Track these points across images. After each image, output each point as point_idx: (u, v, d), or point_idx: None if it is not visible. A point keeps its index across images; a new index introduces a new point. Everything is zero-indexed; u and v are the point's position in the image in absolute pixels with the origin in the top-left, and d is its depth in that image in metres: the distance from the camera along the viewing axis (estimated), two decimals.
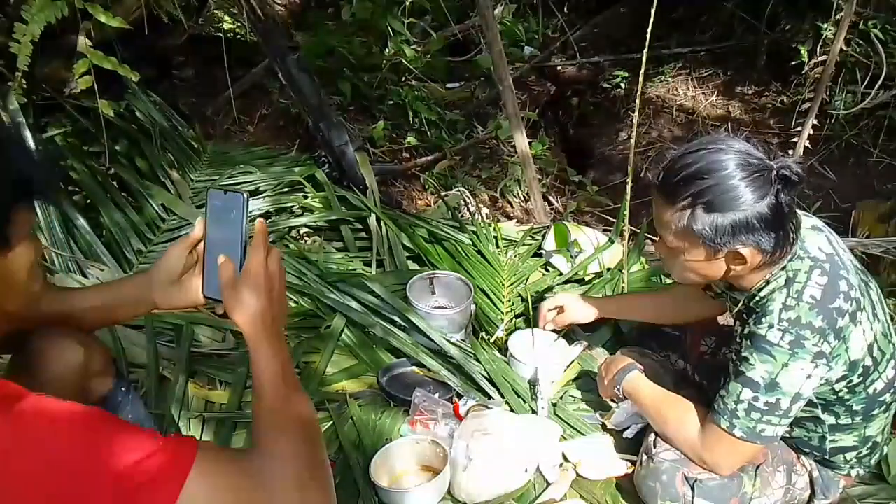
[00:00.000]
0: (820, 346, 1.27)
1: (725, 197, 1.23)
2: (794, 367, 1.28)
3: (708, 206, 1.24)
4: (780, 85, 4.65)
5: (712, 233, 1.26)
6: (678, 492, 1.43)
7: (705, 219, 1.25)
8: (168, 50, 3.58)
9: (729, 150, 1.26)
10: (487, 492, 1.57)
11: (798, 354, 1.27)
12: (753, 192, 1.22)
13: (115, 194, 2.52)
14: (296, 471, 0.89)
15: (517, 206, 3.60)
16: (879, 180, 4.15)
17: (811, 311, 1.27)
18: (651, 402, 1.57)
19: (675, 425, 1.48)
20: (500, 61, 2.86)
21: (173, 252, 1.10)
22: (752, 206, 1.23)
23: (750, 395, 1.32)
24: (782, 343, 1.28)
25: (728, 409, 1.35)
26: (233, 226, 1.01)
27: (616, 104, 4.94)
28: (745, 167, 1.23)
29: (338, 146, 2.95)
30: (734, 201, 1.23)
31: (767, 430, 1.33)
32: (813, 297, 1.28)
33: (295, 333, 2.09)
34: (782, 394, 1.30)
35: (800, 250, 1.32)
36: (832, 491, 1.52)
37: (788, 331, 1.27)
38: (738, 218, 1.23)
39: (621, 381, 1.64)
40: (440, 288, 2.25)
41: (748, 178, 1.23)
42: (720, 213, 1.24)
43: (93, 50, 2.30)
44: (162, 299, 1.12)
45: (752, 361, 1.31)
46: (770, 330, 1.29)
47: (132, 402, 1.39)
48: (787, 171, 1.23)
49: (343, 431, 1.72)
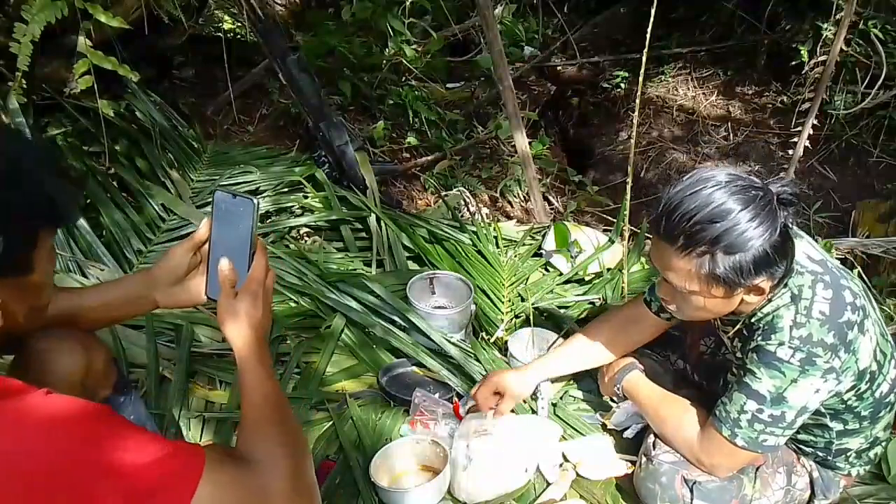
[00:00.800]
0: (831, 362, 1.26)
1: (743, 238, 1.20)
2: (804, 384, 1.27)
3: (727, 249, 1.21)
4: (780, 85, 4.65)
5: (736, 274, 1.23)
6: (677, 494, 1.43)
7: (727, 262, 1.22)
8: (168, 50, 3.58)
9: (727, 187, 1.22)
10: (487, 492, 1.57)
11: (809, 372, 1.26)
12: (765, 226, 1.20)
13: (115, 194, 2.52)
14: (291, 484, 0.91)
15: (517, 206, 3.60)
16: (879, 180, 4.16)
17: (822, 328, 1.26)
18: (650, 402, 1.57)
19: (673, 425, 1.48)
20: (500, 61, 2.86)
21: (177, 252, 1.10)
22: (768, 240, 1.21)
23: (755, 407, 1.31)
24: (793, 360, 1.27)
25: (731, 418, 1.34)
26: (241, 230, 1.01)
27: (616, 104, 4.94)
28: (749, 202, 1.21)
29: (338, 146, 2.95)
30: (752, 240, 1.20)
31: (769, 441, 1.33)
32: (822, 313, 1.27)
33: (295, 333, 2.09)
34: (788, 407, 1.29)
35: (795, 264, 1.31)
36: (832, 491, 1.52)
37: (800, 349, 1.26)
38: (758, 254, 1.21)
39: (621, 380, 1.65)
40: (440, 288, 2.25)
41: (757, 213, 1.20)
42: (741, 252, 1.21)
43: (93, 50, 2.29)
44: (163, 298, 1.12)
45: (760, 375, 1.30)
46: (781, 347, 1.28)
47: (133, 403, 1.39)
48: (786, 195, 1.22)
49: (343, 431, 1.72)
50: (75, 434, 0.75)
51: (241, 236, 1.01)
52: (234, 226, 1.01)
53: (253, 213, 1.00)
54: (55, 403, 0.77)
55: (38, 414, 0.75)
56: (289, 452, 0.94)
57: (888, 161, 4.17)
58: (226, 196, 1.02)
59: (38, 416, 0.75)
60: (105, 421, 0.79)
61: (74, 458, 0.73)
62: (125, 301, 1.16)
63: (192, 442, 1.63)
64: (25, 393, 0.76)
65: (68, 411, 0.77)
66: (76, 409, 0.78)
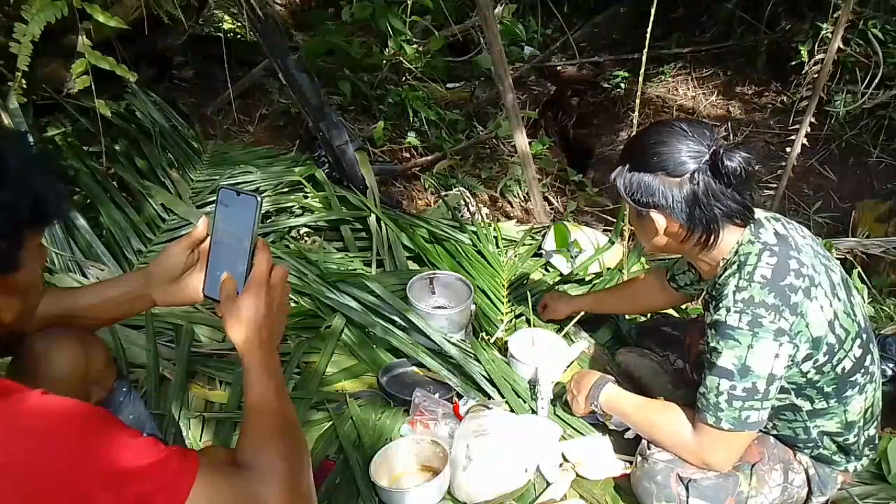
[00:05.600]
0: (777, 322, 1.29)
1: (648, 160, 1.36)
2: (760, 348, 1.30)
3: (633, 165, 1.39)
4: (779, 85, 4.65)
5: (631, 190, 1.39)
6: (673, 492, 1.43)
7: (629, 176, 1.40)
8: (168, 50, 3.58)
9: (678, 126, 1.36)
10: (487, 492, 1.57)
11: (759, 334, 1.29)
12: (677, 164, 1.33)
13: (115, 194, 2.52)
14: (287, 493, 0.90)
15: (517, 206, 3.61)
16: (879, 180, 4.16)
17: (762, 290, 1.30)
18: (636, 412, 1.56)
19: (667, 432, 1.47)
20: (500, 61, 2.86)
21: (174, 250, 1.09)
22: (671, 175, 1.33)
23: (727, 385, 1.33)
24: (741, 325, 1.30)
25: (711, 404, 1.36)
26: (242, 228, 1.00)
27: (616, 104, 4.94)
28: (681, 141, 1.34)
29: (338, 146, 2.95)
30: (656, 166, 1.35)
31: (752, 416, 1.34)
32: (763, 277, 1.31)
33: (295, 333, 2.09)
34: (756, 377, 1.32)
35: (752, 236, 1.37)
36: (829, 487, 1.52)
37: (744, 311, 1.30)
38: (653, 183, 1.36)
39: (597, 397, 1.63)
40: (440, 288, 2.25)
41: (678, 153, 1.33)
42: (641, 172, 1.37)
43: (91, 50, 2.29)
44: (161, 297, 1.12)
45: (720, 349, 1.34)
46: (728, 314, 1.32)
47: (133, 402, 1.39)
48: (720, 158, 1.30)
49: (343, 431, 1.72)
50: (69, 437, 0.74)
51: (243, 233, 1.00)
52: (236, 223, 1.00)
53: (255, 210, 0.99)
54: (50, 405, 0.76)
55: (32, 416, 0.74)
56: (287, 460, 0.92)
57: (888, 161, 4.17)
58: (230, 193, 1.01)
59: (33, 418, 0.74)
60: (99, 424, 0.78)
61: (67, 462, 0.72)
62: (123, 300, 1.15)
63: (188, 447, 1.62)
64: (20, 394, 0.76)
65: (63, 414, 0.76)
66: (70, 412, 0.77)
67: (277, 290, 1.00)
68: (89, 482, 0.73)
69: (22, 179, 0.81)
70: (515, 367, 1.97)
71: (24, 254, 0.84)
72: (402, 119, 3.80)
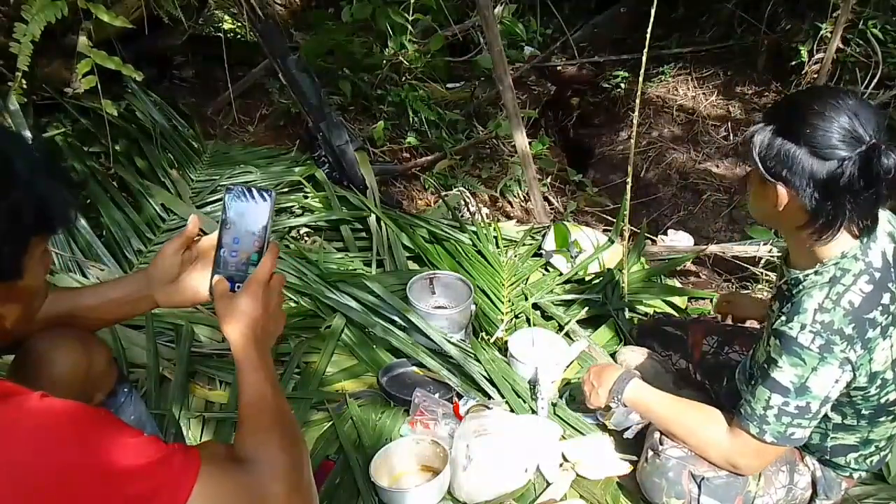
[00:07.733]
0: (847, 352, 1.24)
1: (799, 132, 1.18)
2: (823, 372, 1.25)
3: (778, 129, 1.22)
4: (779, 85, 4.64)
5: (766, 154, 1.23)
6: (684, 489, 1.43)
7: (768, 137, 1.23)
8: (168, 50, 3.59)
9: (846, 101, 1.18)
10: (487, 492, 1.57)
11: (827, 360, 1.24)
12: (828, 144, 1.16)
13: (115, 194, 2.52)
14: (288, 487, 0.90)
15: (517, 206, 3.60)
16: None
17: (844, 318, 1.23)
18: (661, 410, 1.53)
19: (701, 434, 1.45)
20: (500, 61, 2.86)
21: (167, 251, 1.09)
22: (817, 154, 1.17)
23: (780, 401, 1.29)
24: (812, 347, 1.24)
25: (757, 415, 1.32)
26: (253, 226, 0.99)
27: (616, 104, 4.94)
28: (844, 121, 1.16)
29: (338, 146, 2.95)
30: (802, 139, 1.18)
31: (797, 434, 1.32)
32: (850, 304, 1.24)
33: (295, 333, 2.09)
34: (812, 397, 1.28)
35: (859, 251, 1.27)
36: (834, 492, 1.51)
37: (819, 334, 1.23)
38: (795, 155, 1.19)
39: (622, 391, 1.58)
40: (440, 288, 2.25)
41: (835, 133, 1.16)
42: (784, 140, 1.20)
43: (95, 50, 2.29)
44: (162, 298, 1.11)
45: (781, 364, 1.28)
46: (802, 331, 1.25)
47: (134, 403, 1.38)
48: (878, 153, 1.14)
49: (343, 431, 1.72)
50: (69, 437, 0.74)
51: (255, 230, 0.99)
52: (248, 222, 0.99)
53: (269, 206, 0.98)
54: (50, 407, 0.76)
55: (32, 417, 0.74)
56: (287, 453, 0.93)
57: None
58: (241, 190, 0.99)
59: (33, 419, 0.74)
60: (99, 424, 0.78)
61: (67, 462, 0.72)
62: (125, 301, 1.15)
63: (189, 444, 1.62)
64: (20, 395, 0.75)
65: (63, 414, 0.76)
66: (70, 413, 0.77)
67: (275, 292, 1.01)
68: (90, 482, 0.73)
69: (28, 185, 0.80)
70: (515, 367, 1.97)
71: (28, 260, 0.83)
72: (402, 119, 3.79)
